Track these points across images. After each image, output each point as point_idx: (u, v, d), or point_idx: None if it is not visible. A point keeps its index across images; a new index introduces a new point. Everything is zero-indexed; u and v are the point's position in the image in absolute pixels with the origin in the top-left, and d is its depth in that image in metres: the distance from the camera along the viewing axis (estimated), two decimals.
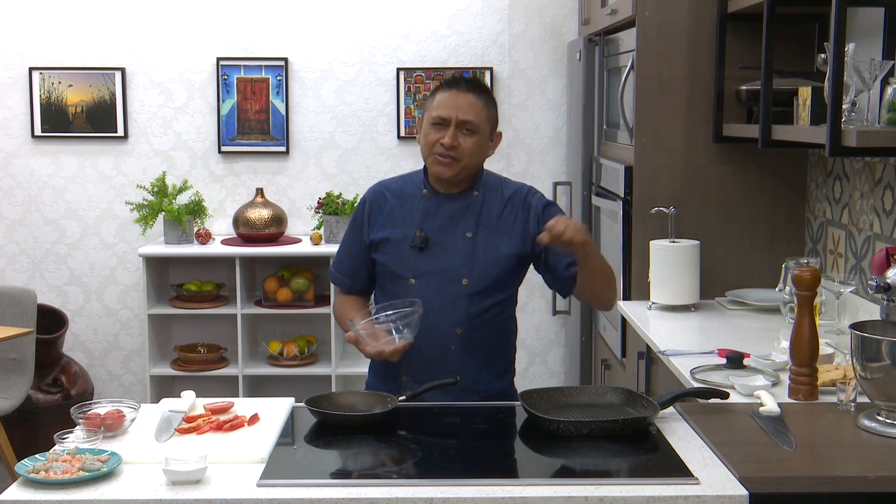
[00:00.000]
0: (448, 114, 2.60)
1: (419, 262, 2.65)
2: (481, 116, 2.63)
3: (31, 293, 4.69)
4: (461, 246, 2.65)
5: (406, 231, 2.67)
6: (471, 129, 2.61)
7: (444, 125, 2.61)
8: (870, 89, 2.66)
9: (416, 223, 2.67)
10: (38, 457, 2.03)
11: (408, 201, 2.71)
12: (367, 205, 2.75)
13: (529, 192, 2.71)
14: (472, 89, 2.63)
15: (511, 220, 2.67)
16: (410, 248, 2.66)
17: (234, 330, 4.97)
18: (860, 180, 3.37)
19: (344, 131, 5.21)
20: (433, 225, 2.67)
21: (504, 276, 2.67)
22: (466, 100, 2.61)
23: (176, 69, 5.16)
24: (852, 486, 1.94)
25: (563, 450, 2.16)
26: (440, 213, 2.68)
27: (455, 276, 2.63)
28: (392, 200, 2.72)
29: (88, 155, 5.21)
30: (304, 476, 2.00)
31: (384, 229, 2.70)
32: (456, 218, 2.67)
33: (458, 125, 2.60)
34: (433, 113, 2.63)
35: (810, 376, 2.43)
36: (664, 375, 3.11)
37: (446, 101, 2.62)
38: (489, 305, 2.66)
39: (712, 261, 3.76)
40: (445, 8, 5.13)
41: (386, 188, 2.76)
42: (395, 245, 2.68)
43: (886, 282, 2.47)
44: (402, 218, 2.69)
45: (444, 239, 2.66)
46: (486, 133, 2.66)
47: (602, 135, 4.48)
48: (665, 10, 3.73)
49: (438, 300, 2.62)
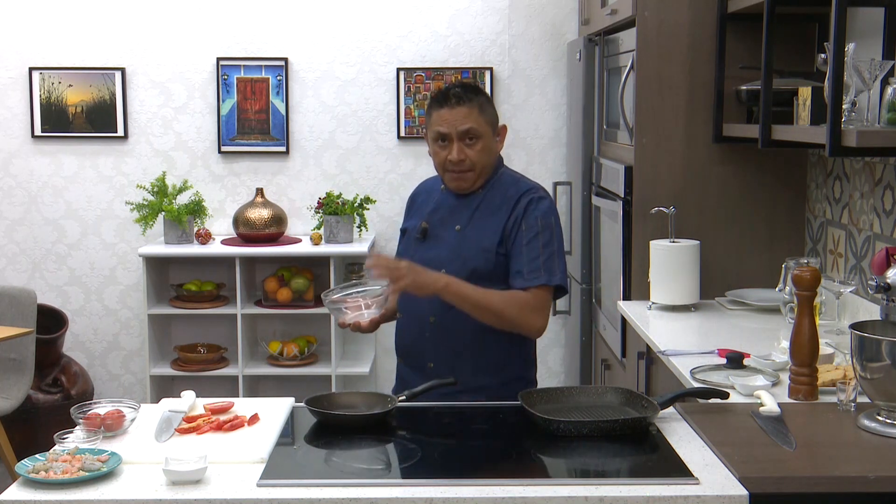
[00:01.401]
0: (447, 130, 2.67)
1: (417, 251, 2.78)
2: (479, 121, 2.68)
3: (31, 293, 4.69)
4: (450, 239, 2.74)
5: (418, 222, 2.83)
6: (473, 137, 2.68)
7: (447, 141, 2.69)
8: (870, 89, 2.66)
9: (425, 215, 2.81)
10: (38, 457, 2.03)
11: (430, 196, 2.86)
12: (410, 199, 2.96)
13: (525, 193, 2.72)
14: (461, 101, 2.67)
15: (501, 215, 2.71)
16: (415, 239, 2.81)
17: (234, 330, 4.97)
18: (860, 180, 3.37)
19: (344, 131, 5.21)
20: (436, 218, 2.79)
21: (481, 269, 2.66)
22: (459, 113, 2.66)
23: (176, 69, 5.16)
24: (852, 486, 1.94)
25: (563, 450, 2.16)
26: (444, 207, 2.79)
27: (437, 266, 2.66)
28: (423, 195, 2.90)
29: (88, 155, 5.21)
30: (304, 476, 2.00)
31: (409, 220, 2.89)
32: (455, 212, 2.77)
33: (460, 137, 2.67)
34: (433, 129, 2.71)
35: (810, 376, 2.43)
36: (664, 375, 3.11)
37: (442, 119, 2.68)
38: None
39: (712, 261, 3.76)
40: (445, 8, 5.13)
41: (423, 184, 2.96)
42: (409, 235, 2.85)
43: (886, 282, 2.47)
44: (421, 211, 2.85)
45: (440, 231, 2.77)
46: (489, 134, 2.72)
47: (602, 135, 4.48)
48: (665, 10, 3.73)
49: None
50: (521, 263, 2.64)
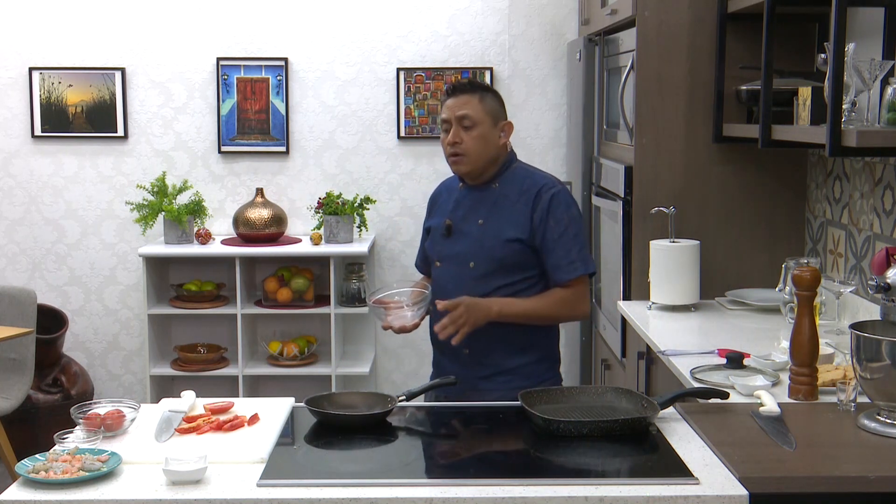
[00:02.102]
0: (448, 115, 2.89)
1: (444, 246, 2.96)
2: (477, 109, 2.86)
3: (31, 293, 4.69)
4: (474, 232, 2.90)
5: (442, 220, 2.98)
6: (468, 123, 2.85)
7: (448, 127, 2.88)
8: (870, 89, 2.66)
9: (448, 213, 2.97)
10: (38, 457, 2.03)
11: (450, 194, 3.02)
12: (431, 199, 3.11)
13: (545, 186, 2.88)
14: (466, 89, 2.89)
15: (521, 208, 2.86)
16: (440, 235, 2.97)
17: (234, 330, 4.97)
18: (860, 180, 3.37)
19: (344, 131, 5.21)
20: (458, 214, 2.95)
21: (508, 259, 2.85)
22: (461, 100, 2.87)
23: (176, 69, 5.16)
24: (852, 486, 1.94)
25: (563, 450, 2.16)
26: (464, 204, 2.95)
27: (465, 259, 2.89)
28: (444, 194, 3.05)
29: (88, 155, 5.21)
30: (304, 476, 2.00)
31: (433, 219, 3.05)
32: (475, 207, 2.92)
33: (457, 122, 2.86)
34: (440, 119, 2.93)
35: (810, 376, 2.43)
36: (664, 375, 3.11)
37: (447, 106, 2.90)
38: (495, 287, 2.85)
39: (712, 261, 3.76)
40: (445, 8, 5.13)
41: (444, 184, 3.11)
42: (434, 232, 3.01)
43: (886, 282, 2.47)
44: (444, 209, 3.00)
45: (463, 226, 2.92)
46: (487, 124, 2.87)
47: (602, 135, 4.48)
48: (665, 10, 3.73)
49: (452, 282, 2.89)
50: (559, 258, 2.83)
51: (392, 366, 5.34)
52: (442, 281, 2.93)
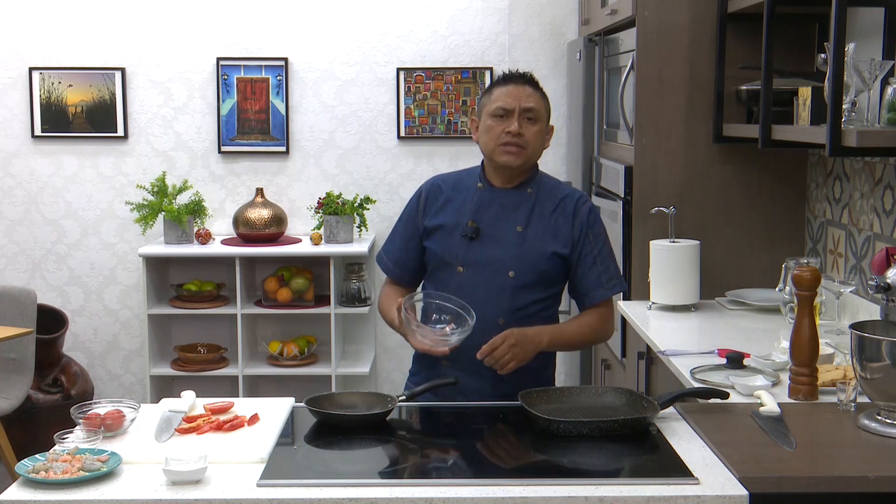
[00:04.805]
0: (511, 104, 2.68)
1: (469, 251, 2.72)
2: (540, 105, 2.72)
3: (31, 293, 4.69)
4: (511, 238, 2.71)
5: (459, 220, 2.74)
6: (533, 116, 2.69)
7: (506, 116, 2.69)
8: (870, 89, 2.66)
9: (469, 213, 2.74)
10: (38, 457, 2.03)
11: (462, 192, 2.78)
12: (424, 194, 2.83)
13: (580, 199, 2.78)
14: (529, 82, 2.73)
15: (561, 220, 2.74)
16: (461, 237, 2.72)
17: (234, 330, 4.97)
18: (860, 180, 3.37)
19: (344, 131, 5.21)
20: (486, 216, 2.73)
21: (550, 273, 2.72)
22: (526, 90, 2.70)
23: (176, 69, 5.16)
24: (852, 486, 1.94)
25: (563, 450, 2.16)
26: (494, 206, 2.74)
27: (502, 267, 2.69)
28: (448, 191, 2.80)
29: (88, 155, 5.21)
30: (304, 476, 2.00)
31: (438, 217, 2.77)
32: (509, 211, 2.74)
33: (522, 113, 2.68)
34: (494, 105, 2.70)
35: (810, 376, 2.43)
36: (664, 375, 3.11)
37: (507, 93, 2.69)
38: (532, 300, 2.71)
39: (712, 261, 3.76)
40: (445, 8, 5.13)
41: (442, 180, 2.86)
42: (447, 233, 2.75)
43: (886, 282, 2.47)
44: (457, 208, 2.76)
45: (496, 231, 2.72)
46: (545, 122, 2.74)
47: (602, 135, 4.48)
48: (665, 10, 3.73)
49: (484, 289, 2.68)
50: (598, 274, 2.74)
51: (392, 366, 5.34)
52: (471, 288, 2.68)
